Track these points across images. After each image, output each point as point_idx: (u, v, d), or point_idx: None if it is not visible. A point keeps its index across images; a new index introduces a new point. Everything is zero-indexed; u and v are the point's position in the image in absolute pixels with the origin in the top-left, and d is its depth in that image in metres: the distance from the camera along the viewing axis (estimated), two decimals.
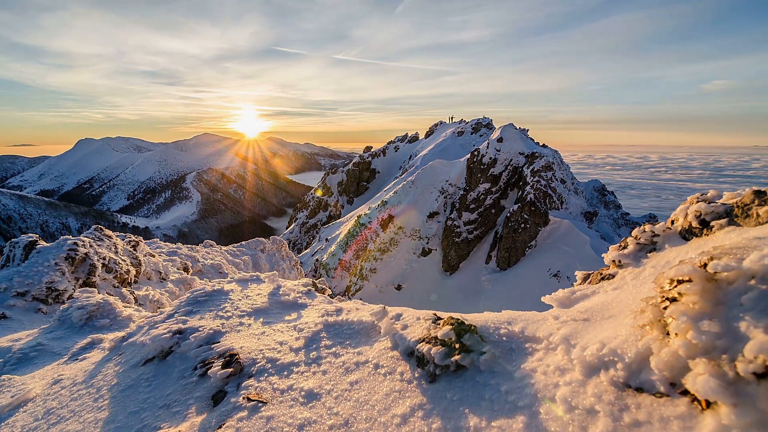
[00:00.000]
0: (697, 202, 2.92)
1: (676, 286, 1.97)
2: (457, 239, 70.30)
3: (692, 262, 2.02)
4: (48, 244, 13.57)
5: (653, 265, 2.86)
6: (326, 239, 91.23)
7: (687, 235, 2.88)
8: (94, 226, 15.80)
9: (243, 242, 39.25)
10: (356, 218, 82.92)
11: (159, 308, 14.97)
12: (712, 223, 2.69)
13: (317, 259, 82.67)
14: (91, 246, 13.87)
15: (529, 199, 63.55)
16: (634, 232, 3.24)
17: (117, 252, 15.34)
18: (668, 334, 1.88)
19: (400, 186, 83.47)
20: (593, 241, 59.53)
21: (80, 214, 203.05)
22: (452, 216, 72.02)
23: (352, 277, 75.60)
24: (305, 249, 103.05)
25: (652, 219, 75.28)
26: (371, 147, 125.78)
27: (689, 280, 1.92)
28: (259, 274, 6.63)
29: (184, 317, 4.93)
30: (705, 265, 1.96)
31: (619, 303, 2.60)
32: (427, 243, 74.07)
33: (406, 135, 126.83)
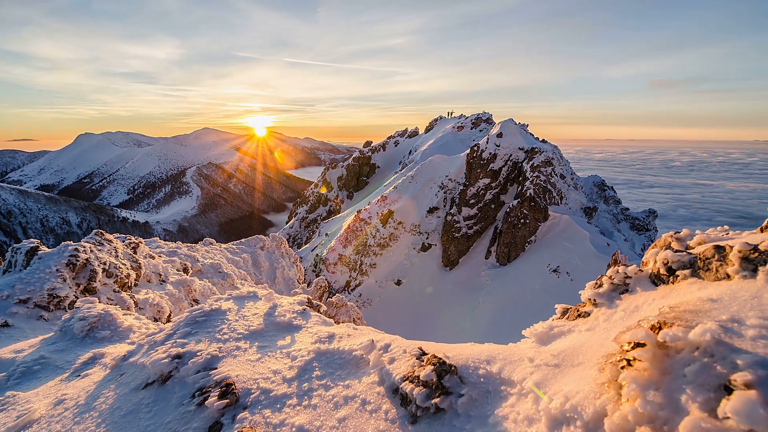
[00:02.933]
0: (665, 249, 3.08)
1: (632, 349, 2.15)
2: (456, 234, 70.49)
3: (648, 325, 2.20)
4: (49, 250, 13.74)
5: (624, 308, 3.03)
6: (326, 234, 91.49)
7: (656, 280, 3.05)
8: (94, 231, 15.96)
9: (242, 240, 39.47)
10: (356, 213, 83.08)
11: (159, 312, 15.17)
12: (678, 273, 2.86)
13: (317, 254, 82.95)
14: (91, 251, 14.05)
15: (528, 194, 63.69)
16: (609, 272, 3.40)
17: (117, 256, 15.52)
18: (622, 396, 2.06)
19: (400, 181, 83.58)
20: (593, 237, 59.73)
21: (80, 209, 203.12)
22: (452, 211, 72.16)
23: (351, 272, 75.91)
24: (305, 244, 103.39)
25: (652, 214, 75.42)
26: (371, 142, 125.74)
27: (643, 344, 2.09)
28: (256, 290, 6.81)
29: (182, 340, 5.11)
30: (659, 327, 2.13)
31: (588, 348, 2.77)
32: (427, 238, 74.27)
33: (406, 130, 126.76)
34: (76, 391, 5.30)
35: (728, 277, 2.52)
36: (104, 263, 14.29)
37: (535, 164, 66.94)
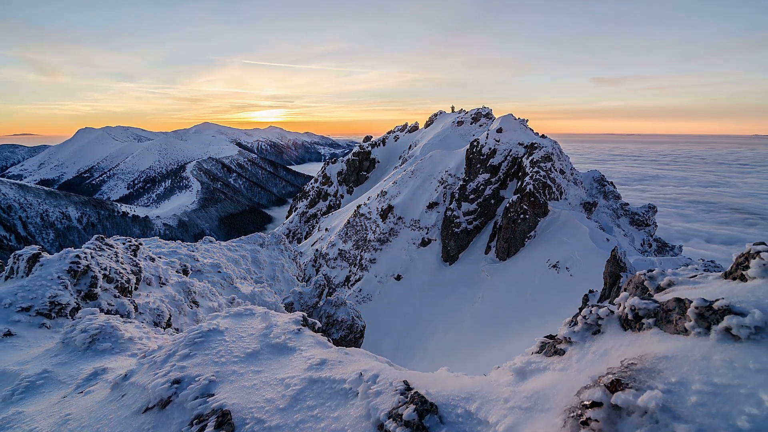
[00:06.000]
0: (632, 295, 3.26)
1: (591, 406, 2.34)
2: (456, 229, 70.64)
3: (607, 382, 2.39)
4: (51, 256, 13.94)
5: (594, 350, 3.23)
6: (326, 229, 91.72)
7: (625, 324, 3.24)
8: (95, 236, 16.17)
9: (242, 237, 39.72)
10: (356, 208, 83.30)
11: (159, 316, 15.42)
12: (643, 321, 3.05)
13: (317, 249, 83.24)
14: (92, 257, 14.25)
15: (528, 189, 63.72)
16: (583, 312, 3.59)
17: (118, 260, 15.72)
18: None
19: (400, 176, 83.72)
20: (592, 232, 59.77)
21: (80, 204, 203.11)
22: (451, 206, 72.29)
23: (351, 267, 76.26)
24: (305, 239, 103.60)
25: (651, 209, 75.49)
26: (371, 137, 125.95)
27: (600, 404, 2.29)
28: (252, 307, 7.02)
29: (181, 363, 5.32)
30: (615, 387, 2.32)
31: (559, 392, 2.96)
32: (427, 233, 74.46)
33: (406, 125, 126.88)
34: (79, 410, 5.51)
35: (686, 331, 2.71)
36: (105, 268, 14.50)
37: (534, 159, 66.96)
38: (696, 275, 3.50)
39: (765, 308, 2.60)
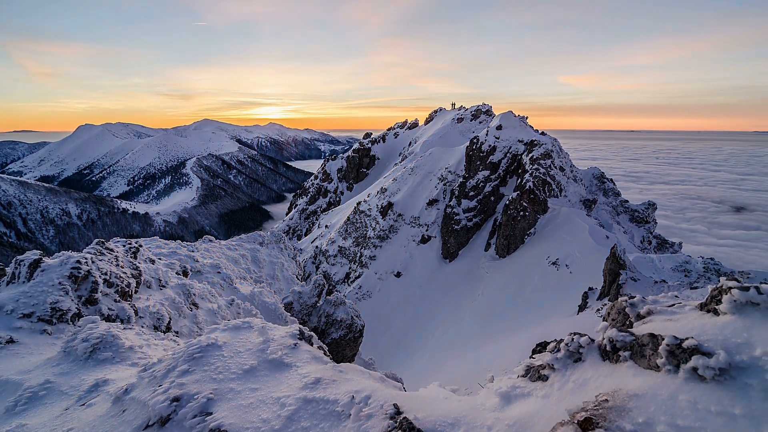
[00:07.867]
0: (614, 323, 3.40)
1: None
2: (456, 227, 70.86)
3: (581, 418, 2.53)
4: (52, 261, 14.07)
5: (575, 379, 3.37)
6: (326, 226, 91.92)
7: (604, 354, 3.39)
8: (96, 240, 16.30)
9: (242, 236, 39.84)
10: (356, 205, 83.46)
11: (159, 320, 15.59)
12: (620, 353, 3.19)
13: (317, 246, 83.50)
14: (93, 262, 14.39)
15: (528, 186, 63.87)
16: (566, 340, 3.73)
17: (118, 264, 15.86)
18: None
19: (400, 173, 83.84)
20: (592, 229, 59.92)
21: (80, 200, 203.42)
22: (451, 203, 72.46)
23: (351, 264, 76.51)
24: (305, 235, 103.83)
25: (651, 206, 75.58)
26: (371, 133, 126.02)
27: None
28: (250, 320, 7.17)
29: (181, 379, 5.48)
30: (587, 426, 2.46)
31: (539, 421, 3.11)
32: (427, 230, 74.66)
33: (406, 121, 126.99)
34: (81, 424, 5.68)
35: (658, 367, 2.84)
36: (105, 273, 14.64)
37: (534, 156, 67.13)
38: (674, 304, 3.64)
39: (730, 348, 2.74)
